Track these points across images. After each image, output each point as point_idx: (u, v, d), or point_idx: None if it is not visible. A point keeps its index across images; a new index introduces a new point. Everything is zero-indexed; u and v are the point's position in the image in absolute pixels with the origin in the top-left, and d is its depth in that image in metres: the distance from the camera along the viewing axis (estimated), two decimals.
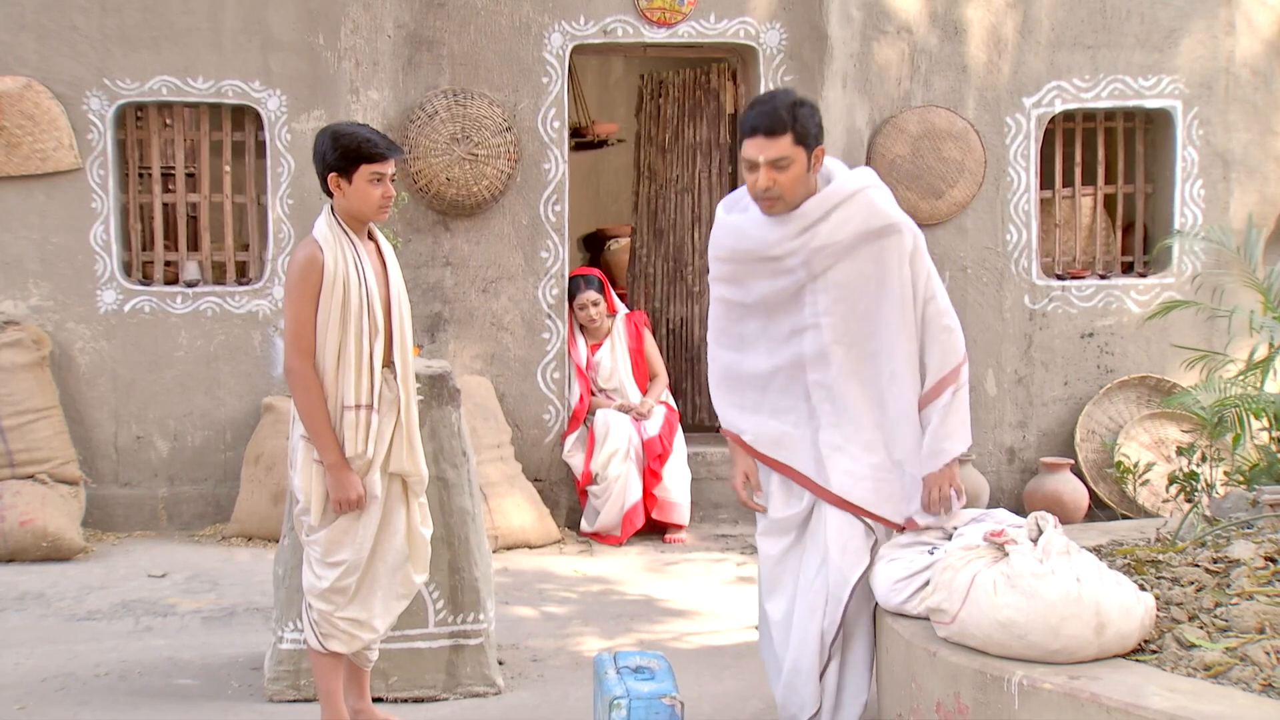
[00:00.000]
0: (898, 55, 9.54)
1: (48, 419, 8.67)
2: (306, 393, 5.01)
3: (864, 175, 4.83)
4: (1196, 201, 9.77)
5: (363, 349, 5.07)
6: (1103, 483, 9.39)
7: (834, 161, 4.85)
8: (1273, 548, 4.43)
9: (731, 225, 4.86)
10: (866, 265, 4.69)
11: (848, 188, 4.71)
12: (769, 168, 4.60)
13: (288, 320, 5.06)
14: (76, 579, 7.87)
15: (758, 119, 4.59)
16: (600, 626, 7.08)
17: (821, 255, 4.69)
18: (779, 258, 4.74)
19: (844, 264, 4.70)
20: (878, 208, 4.70)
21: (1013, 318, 9.61)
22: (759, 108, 4.62)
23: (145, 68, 9.02)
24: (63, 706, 5.76)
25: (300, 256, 5.05)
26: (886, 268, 4.69)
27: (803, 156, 4.62)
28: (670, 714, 4.62)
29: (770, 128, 4.57)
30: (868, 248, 4.68)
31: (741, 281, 4.87)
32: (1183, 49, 9.68)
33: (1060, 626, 3.83)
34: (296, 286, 5.03)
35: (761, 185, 4.63)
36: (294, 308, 5.02)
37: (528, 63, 9.30)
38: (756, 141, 4.60)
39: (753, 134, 4.61)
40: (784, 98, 4.63)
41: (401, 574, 5.26)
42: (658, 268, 10.53)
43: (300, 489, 5.10)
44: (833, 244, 4.67)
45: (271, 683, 5.82)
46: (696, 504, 9.34)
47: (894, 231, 4.69)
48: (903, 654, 4.35)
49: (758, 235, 4.76)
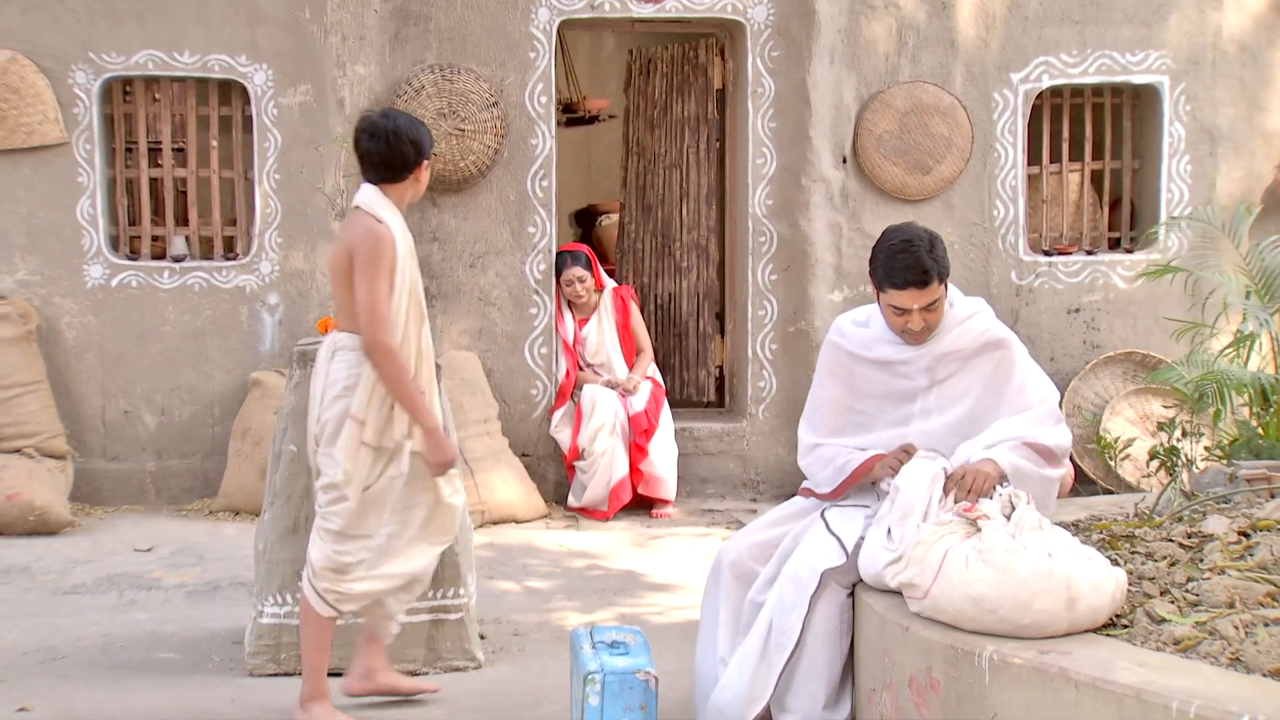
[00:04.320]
0: (885, 30, 9.52)
1: (34, 393, 8.68)
2: (397, 366, 5.08)
3: (978, 300, 5.04)
4: (1183, 177, 9.77)
5: (411, 331, 5.21)
6: (1087, 458, 9.41)
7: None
8: (1247, 522, 4.44)
9: (860, 340, 4.99)
10: (985, 371, 4.87)
11: (969, 308, 4.93)
12: (922, 313, 4.75)
13: (366, 296, 5.06)
14: (62, 553, 7.89)
15: (909, 275, 4.68)
16: (583, 601, 7.10)
17: (945, 362, 4.88)
18: (905, 361, 4.90)
19: (963, 372, 4.88)
20: (995, 322, 4.93)
21: (1000, 293, 9.61)
22: (903, 259, 4.69)
23: (131, 41, 9.00)
24: (44, 679, 5.78)
25: (372, 233, 5.10)
26: (1005, 377, 4.86)
27: (944, 290, 4.79)
28: (644, 689, 4.64)
29: (922, 280, 4.69)
30: (985, 357, 4.87)
31: (855, 385, 5.00)
32: (1170, 25, 9.67)
33: (1031, 601, 3.84)
34: (372, 263, 5.06)
35: (916, 329, 4.78)
36: (371, 283, 5.05)
37: (515, 37, 9.29)
38: (909, 294, 4.71)
39: (904, 287, 4.70)
40: (921, 242, 4.71)
41: (419, 545, 5.37)
42: (646, 243, 10.52)
43: (341, 466, 5.12)
44: (956, 350, 4.86)
45: (251, 656, 5.84)
46: (683, 479, 9.36)
47: (1007, 346, 4.89)
48: (876, 629, 4.37)
49: (888, 352, 4.92)
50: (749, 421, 9.64)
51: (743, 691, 4.71)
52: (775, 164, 9.51)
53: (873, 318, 4.98)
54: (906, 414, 4.91)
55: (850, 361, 4.97)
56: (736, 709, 4.72)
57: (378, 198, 5.22)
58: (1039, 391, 4.86)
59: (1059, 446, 4.74)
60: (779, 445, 9.57)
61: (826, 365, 5.05)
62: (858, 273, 9.50)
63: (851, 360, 4.96)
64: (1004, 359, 4.87)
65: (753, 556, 4.95)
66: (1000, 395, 4.85)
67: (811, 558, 4.63)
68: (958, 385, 4.87)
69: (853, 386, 4.98)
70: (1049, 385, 4.92)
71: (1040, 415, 4.77)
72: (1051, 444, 4.71)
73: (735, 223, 9.98)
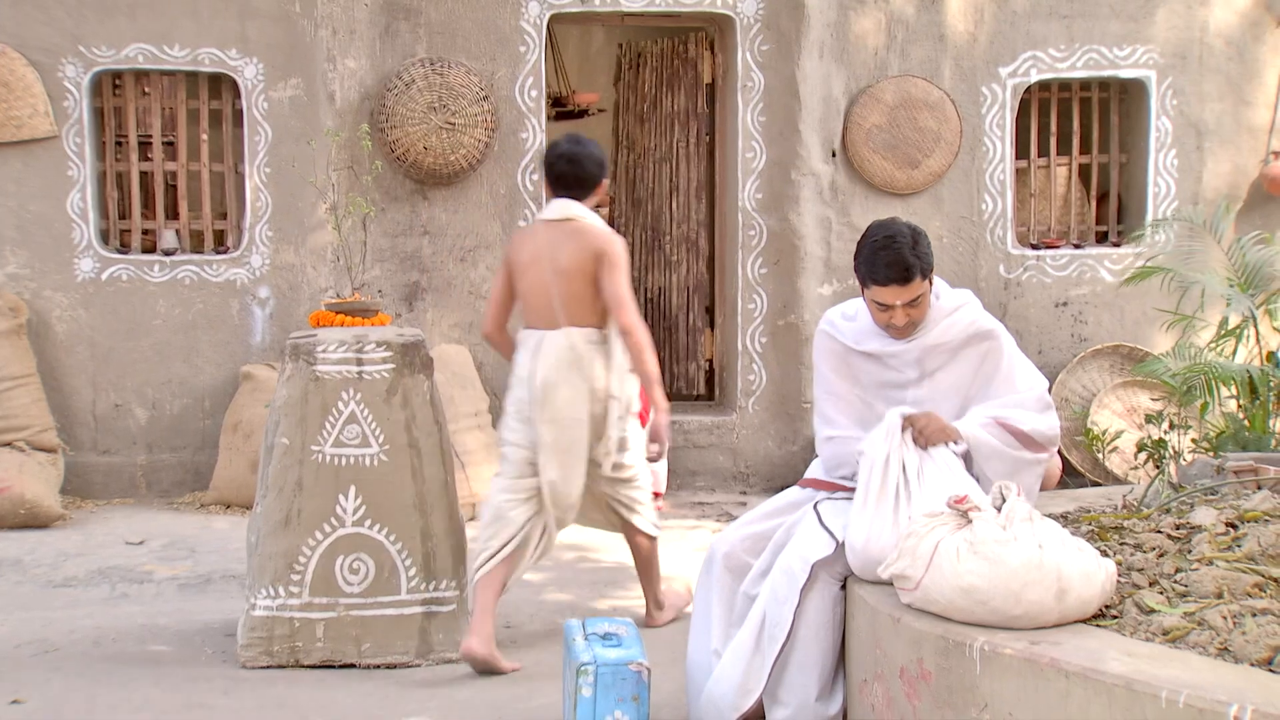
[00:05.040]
0: (874, 24, 9.55)
1: (25, 386, 8.69)
2: (648, 345, 6.07)
3: (965, 292, 5.06)
4: (1170, 171, 9.82)
5: None
6: (1075, 450, 9.45)
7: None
8: (1234, 514, 4.47)
9: (850, 334, 5.00)
10: (973, 362, 4.89)
11: (956, 300, 4.94)
12: (905, 309, 4.76)
13: (620, 289, 5.99)
14: (54, 546, 7.90)
15: (890, 271, 4.69)
16: (574, 593, 7.13)
17: (934, 354, 4.88)
18: (894, 354, 4.92)
19: (952, 364, 4.89)
20: (982, 313, 4.94)
21: (988, 287, 9.65)
22: (885, 255, 4.70)
23: (121, 35, 9.00)
24: (36, 671, 5.79)
25: (614, 237, 6.07)
26: (993, 367, 4.88)
27: (928, 285, 4.79)
28: (637, 680, 4.67)
29: (904, 277, 4.69)
30: (974, 349, 4.88)
31: (854, 375, 5.03)
32: (1158, 19, 9.72)
33: (1022, 592, 3.87)
34: (621, 260, 6.05)
35: (900, 324, 4.80)
36: (624, 277, 6.04)
37: (505, 31, 9.30)
38: (891, 290, 4.72)
39: (886, 283, 4.71)
40: (904, 238, 4.72)
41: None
42: (636, 237, 10.55)
43: (630, 441, 6.26)
44: (944, 343, 4.87)
45: (245, 649, 5.85)
46: (673, 472, 9.40)
47: (994, 337, 4.90)
48: (867, 620, 4.40)
49: (876, 346, 4.93)
50: (739, 415, 9.67)
51: (736, 683, 4.73)
52: (765, 158, 9.54)
53: (860, 311, 5.00)
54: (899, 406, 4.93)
55: (845, 353, 4.99)
56: (730, 700, 4.74)
57: (585, 209, 6.14)
58: (1026, 380, 4.88)
59: (1037, 431, 4.75)
60: (769, 438, 9.61)
61: (824, 358, 5.07)
62: (847, 266, 9.53)
63: (846, 352, 4.99)
64: (991, 349, 4.88)
65: (745, 549, 4.97)
66: (989, 385, 4.87)
67: (804, 549, 4.65)
68: (947, 377, 4.89)
69: (853, 378, 5.00)
70: (1037, 374, 4.94)
71: (1022, 400, 4.81)
72: (1028, 428, 4.72)
73: (725, 216, 10.01)
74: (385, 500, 5.89)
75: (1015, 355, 4.94)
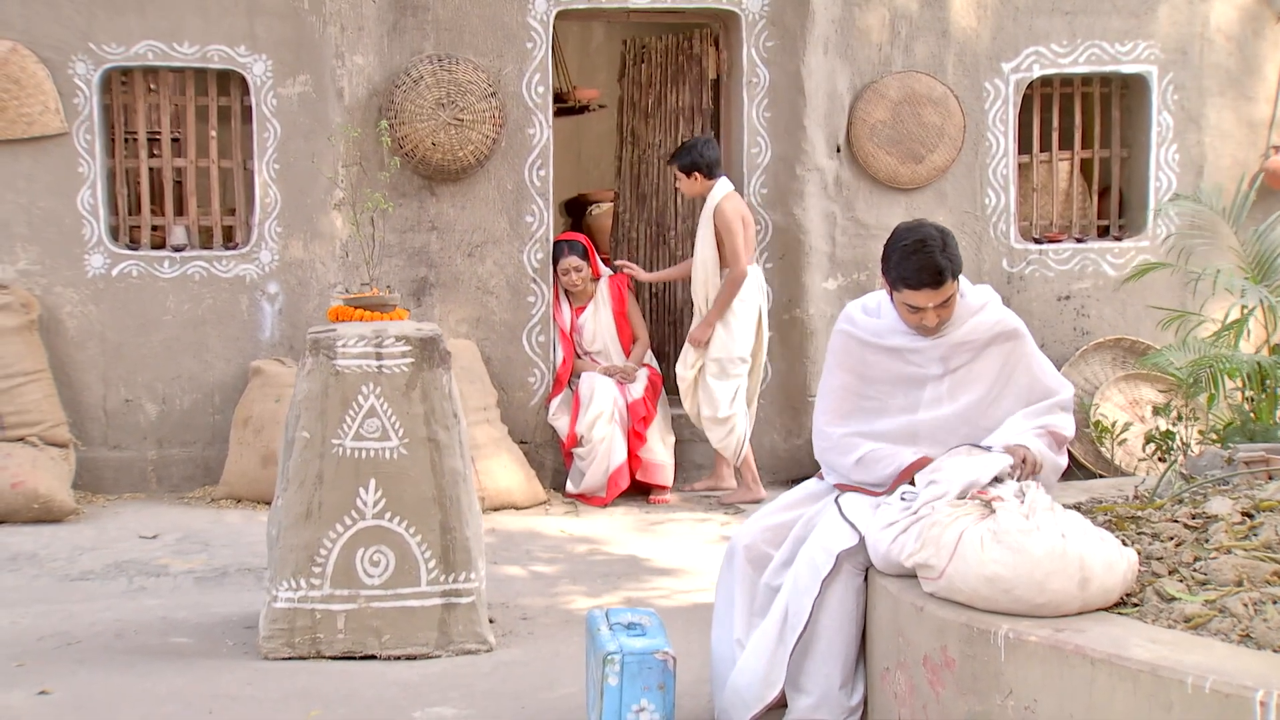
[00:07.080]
0: (879, 20, 9.61)
1: (37, 382, 8.73)
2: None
3: (987, 288, 5.11)
4: (1171, 166, 9.89)
5: None
6: (1077, 443, 9.52)
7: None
8: (1249, 504, 4.54)
9: (871, 329, 5.03)
10: (997, 361, 4.94)
11: (980, 298, 4.99)
12: (936, 310, 4.81)
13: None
14: (68, 540, 7.95)
15: (923, 275, 4.73)
16: (588, 585, 7.19)
17: (960, 351, 4.92)
18: (918, 350, 4.95)
19: (975, 362, 4.93)
20: (1007, 312, 5.00)
21: (991, 281, 9.69)
22: (917, 260, 4.72)
23: (130, 32, 9.04)
24: (61, 663, 5.84)
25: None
26: (1015, 366, 4.93)
27: (957, 285, 4.83)
28: (663, 669, 4.72)
29: (937, 281, 4.73)
30: (998, 348, 4.93)
31: (865, 372, 5.04)
32: (1159, 15, 9.79)
33: (1046, 581, 3.93)
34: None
35: (931, 325, 4.84)
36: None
37: (512, 28, 9.35)
38: (924, 294, 4.76)
39: (919, 288, 4.74)
40: (934, 241, 4.75)
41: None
42: (640, 233, 10.61)
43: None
44: (970, 341, 4.91)
45: (266, 640, 5.90)
46: (680, 465, 9.45)
47: (1019, 337, 4.96)
48: (890, 609, 4.46)
49: (901, 341, 4.97)
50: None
51: (761, 674, 4.79)
52: (770, 153, 9.60)
53: (883, 306, 5.04)
54: (915, 400, 4.97)
55: (861, 349, 5.03)
56: (754, 691, 4.80)
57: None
58: (1056, 379, 4.97)
59: (1069, 435, 4.87)
60: (774, 432, 9.67)
61: (836, 353, 5.11)
62: (851, 261, 9.61)
63: (862, 348, 5.03)
64: (1015, 349, 4.94)
65: (766, 540, 5.03)
66: (1010, 384, 4.93)
67: (827, 540, 4.71)
68: (970, 374, 4.94)
69: (863, 374, 5.04)
70: (1060, 375, 5.03)
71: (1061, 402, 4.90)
72: (1069, 433, 4.83)
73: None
74: (405, 493, 5.95)
75: (1036, 354, 5.00)
